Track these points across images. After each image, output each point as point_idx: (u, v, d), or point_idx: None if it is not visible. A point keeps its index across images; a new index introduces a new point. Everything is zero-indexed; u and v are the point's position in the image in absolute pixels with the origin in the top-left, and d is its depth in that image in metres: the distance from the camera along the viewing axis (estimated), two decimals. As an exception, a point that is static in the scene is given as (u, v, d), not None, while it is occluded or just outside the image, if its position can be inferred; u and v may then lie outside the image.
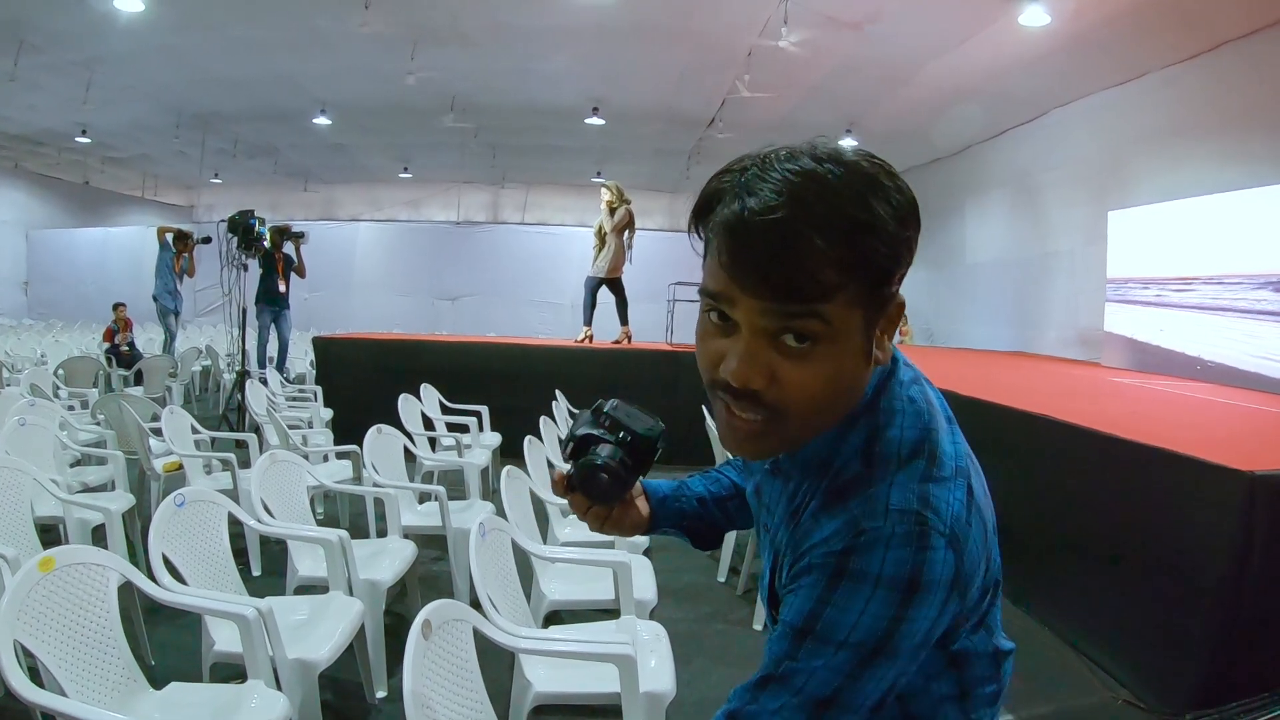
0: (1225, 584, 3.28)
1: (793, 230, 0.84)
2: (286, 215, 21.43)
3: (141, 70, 12.75)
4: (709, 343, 0.95)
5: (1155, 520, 3.65)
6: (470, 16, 10.44)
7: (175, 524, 2.81)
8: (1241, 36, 8.53)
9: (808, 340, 0.88)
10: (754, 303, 0.87)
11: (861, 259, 0.87)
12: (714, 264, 0.90)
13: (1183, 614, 3.45)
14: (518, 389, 7.25)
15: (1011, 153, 13.43)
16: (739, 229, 0.86)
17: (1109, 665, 3.84)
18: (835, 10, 9.39)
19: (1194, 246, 8.71)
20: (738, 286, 0.87)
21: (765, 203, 0.85)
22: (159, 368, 10.43)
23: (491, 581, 2.47)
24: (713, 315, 0.93)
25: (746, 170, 0.89)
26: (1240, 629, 3.28)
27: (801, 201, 0.84)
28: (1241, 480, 3.18)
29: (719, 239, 0.89)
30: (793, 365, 0.89)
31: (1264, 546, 3.20)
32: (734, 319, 0.90)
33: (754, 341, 0.89)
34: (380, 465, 4.30)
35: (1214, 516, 3.32)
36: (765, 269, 0.85)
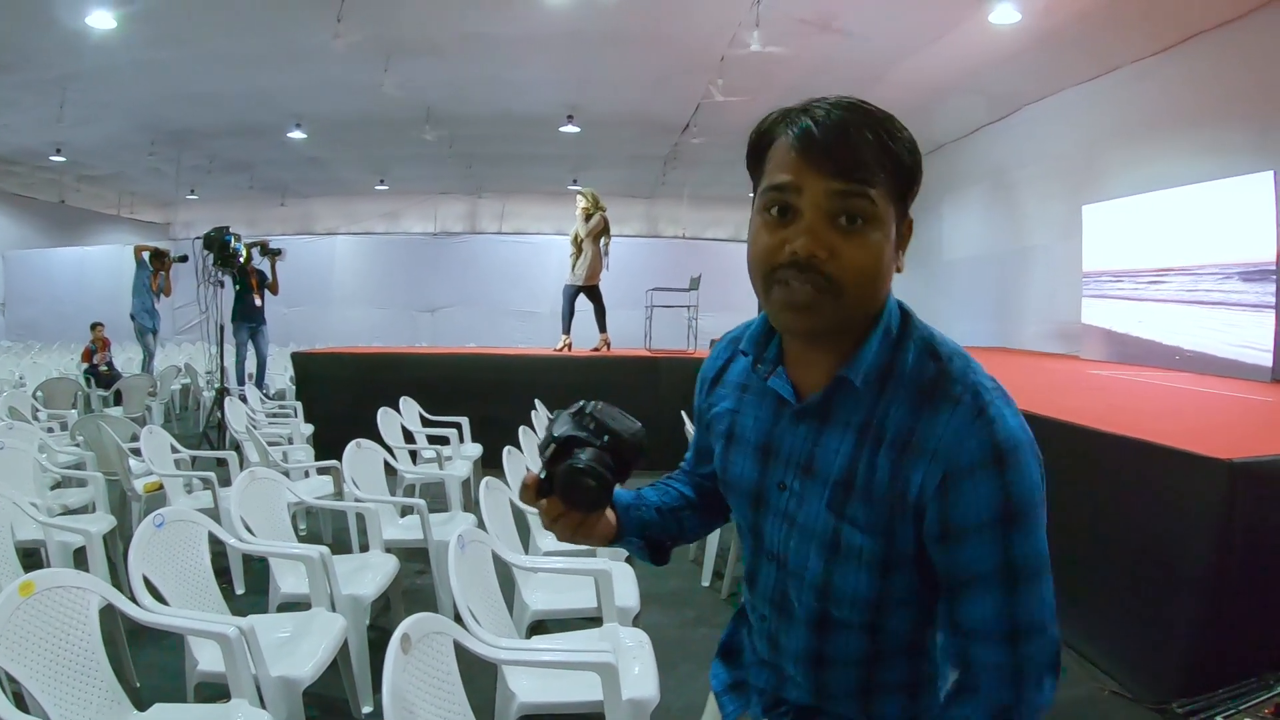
0: (1208, 572, 3.29)
1: (851, 125, 1.05)
2: (264, 230, 21.31)
3: (115, 87, 12.65)
4: (769, 236, 1.08)
5: (1137, 511, 3.66)
6: (442, 27, 10.41)
7: (155, 544, 2.78)
8: (1212, 29, 8.59)
9: (859, 220, 1.05)
10: (820, 183, 1.05)
11: (894, 158, 1.07)
12: (782, 160, 1.08)
13: (1166, 603, 3.47)
14: (498, 399, 7.23)
15: (986, 150, 13.49)
16: (810, 129, 1.05)
17: (1094, 656, 3.85)
18: (806, 13, 9.41)
19: (1168, 238, 8.76)
20: (810, 169, 1.05)
21: (827, 112, 1.07)
22: (138, 387, 10.35)
23: (472, 593, 2.45)
24: (774, 211, 1.08)
25: (792, 110, 1.11)
26: (1224, 616, 3.30)
27: (854, 111, 1.08)
28: (1221, 469, 3.20)
29: (788, 144, 1.08)
30: (847, 242, 1.05)
31: (1245, 534, 3.22)
32: (799, 206, 1.06)
33: (818, 221, 1.05)
34: (360, 480, 4.27)
35: (1195, 505, 3.33)
36: (832, 151, 1.04)
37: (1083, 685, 3.70)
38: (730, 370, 1.34)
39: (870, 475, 1.09)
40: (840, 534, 1.11)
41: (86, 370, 11.97)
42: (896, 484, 1.07)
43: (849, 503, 1.11)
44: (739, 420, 1.28)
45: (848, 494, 1.11)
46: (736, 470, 1.26)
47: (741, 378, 1.30)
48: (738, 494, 1.27)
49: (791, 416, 1.19)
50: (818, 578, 1.15)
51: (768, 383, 1.20)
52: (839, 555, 1.11)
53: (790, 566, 1.19)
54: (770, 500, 1.21)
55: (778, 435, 1.20)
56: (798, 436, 1.17)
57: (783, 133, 1.09)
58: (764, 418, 1.23)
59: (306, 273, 18.14)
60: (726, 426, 1.30)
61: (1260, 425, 4.95)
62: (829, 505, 1.12)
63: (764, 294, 1.11)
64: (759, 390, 1.25)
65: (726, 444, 1.29)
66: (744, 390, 1.29)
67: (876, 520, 1.09)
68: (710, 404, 1.36)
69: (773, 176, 1.09)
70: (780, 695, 1.30)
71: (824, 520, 1.13)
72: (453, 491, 5.01)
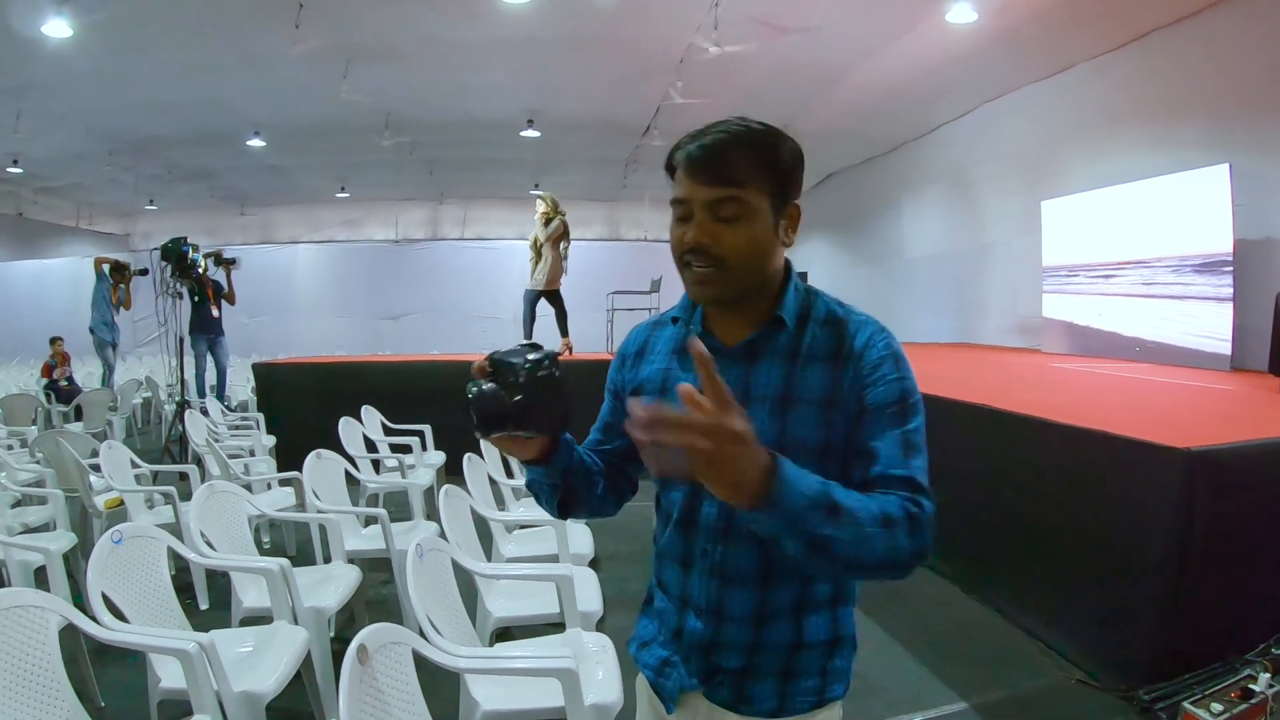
0: (1169, 560, 3.33)
1: (726, 146, 1.37)
2: (224, 240, 21.09)
3: (72, 97, 12.42)
4: (673, 233, 1.42)
5: (1098, 502, 3.70)
6: (401, 32, 10.32)
7: (114, 561, 2.75)
8: (1165, 26, 8.70)
9: (732, 214, 1.37)
10: (703, 192, 1.37)
11: (767, 163, 1.39)
12: (679, 178, 1.40)
13: (1130, 592, 3.50)
14: (460, 406, 7.09)
15: (945, 148, 13.59)
16: (692, 153, 1.38)
17: (1060, 647, 3.89)
18: (764, 14, 9.43)
19: (1126, 232, 8.87)
20: (694, 182, 1.37)
21: (711, 138, 1.37)
22: (98, 402, 10.19)
23: (431, 602, 2.42)
24: (678, 215, 1.41)
25: (688, 137, 1.40)
26: (1187, 603, 3.34)
27: (732, 133, 1.38)
28: (1179, 457, 3.24)
29: (681, 165, 1.39)
30: (726, 230, 1.37)
31: (1204, 521, 3.27)
32: (691, 210, 1.38)
33: (704, 219, 1.37)
34: (321, 490, 4.23)
35: (1154, 494, 3.37)
36: (708, 169, 1.36)
37: (1049, 674, 3.73)
38: (655, 343, 1.61)
39: (805, 384, 1.41)
40: (785, 434, 1.39)
41: (46, 385, 11.78)
42: (830, 384, 1.41)
43: (790, 409, 1.41)
44: (672, 376, 1.52)
45: (787, 403, 1.41)
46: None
47: (672, 344, 1.57)
48: None
49: (724, 361, 1.40)
50: None
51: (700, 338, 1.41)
52: (787, 452, 1.22)
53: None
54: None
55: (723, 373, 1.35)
56: (731, 377, 1.33)
57: (677, 156, 1.41)
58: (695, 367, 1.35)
59: (268, 282, 17.98)
60: (659, 383, 1.54)
61: (1218, 414, 5.00)
62: (771, 414, 1.41)
63: (680, 274, 1.44)
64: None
65: (660, 397, 1.50)
66: (676, 352, 1.55)
67: (816, 415, 1.40)
68: (636, 374, 1.60)
69: (674, 192, 1.41)
70: (715, 663, 1.48)
71: (770, 428, 1.39)
72: (415, 500, 4.96)
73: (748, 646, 1.45)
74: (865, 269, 16.82)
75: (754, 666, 1.46)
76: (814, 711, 1.47)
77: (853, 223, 17.26)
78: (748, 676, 1.46)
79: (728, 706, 1.48)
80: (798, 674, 1.46)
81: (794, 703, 1.46)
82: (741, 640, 1.45)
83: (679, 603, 1.52)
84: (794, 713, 1.46)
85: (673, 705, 1.53)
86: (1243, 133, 7.78)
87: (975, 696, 3.54)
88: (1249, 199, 7.52)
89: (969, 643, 4.12)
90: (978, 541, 4.66)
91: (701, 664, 1.49)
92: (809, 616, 1.46)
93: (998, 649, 4.02)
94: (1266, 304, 6.24)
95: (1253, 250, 7.57)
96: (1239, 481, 3.35)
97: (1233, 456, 3.35)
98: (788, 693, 1.46)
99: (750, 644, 1.45)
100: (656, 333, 1.62)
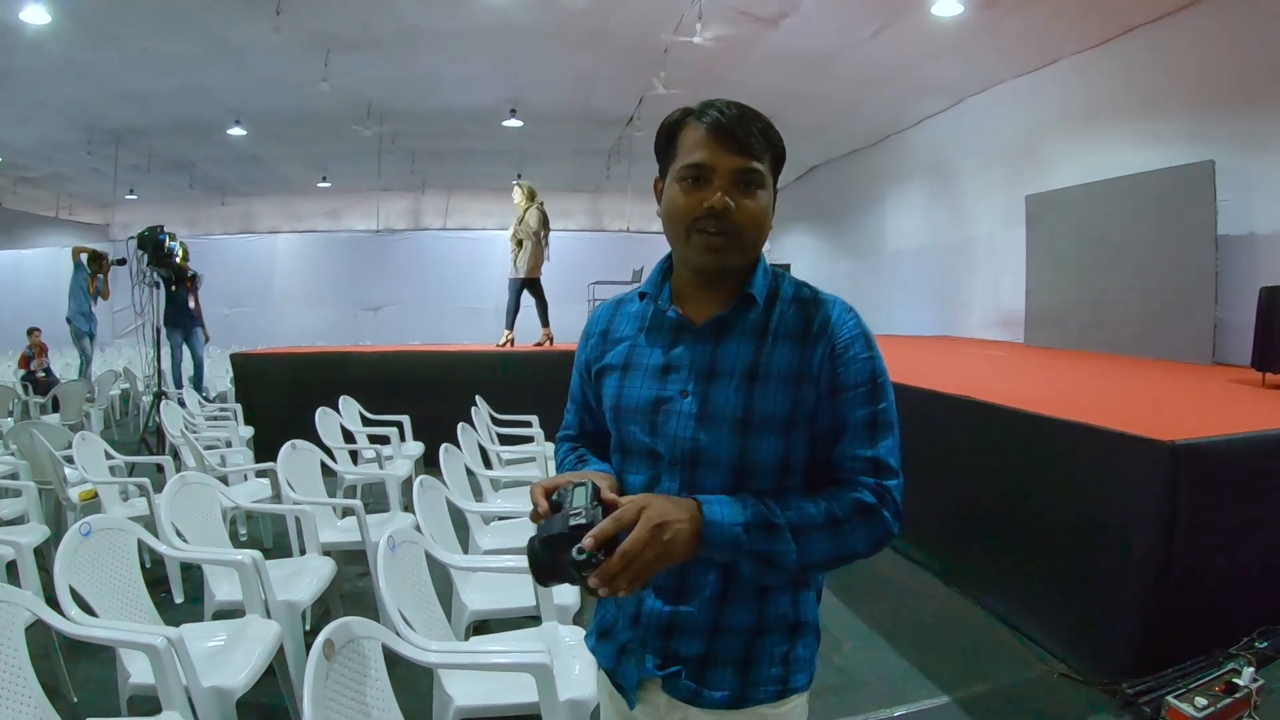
0: (1153, 553, 3.31)
1: (747, 117, 1.43)
2: (205, 230, 20.97)
3: (51, 85, 12.31)
4: (686, 199, 1.42)
5: (1082, 494, 3.68)
6: (381, 21, 10.24)
7: (83, 554, 2.71)
8: (1150, 22, 8.71)
9: (753, 185, 1.43)
10: (728, 159, 1.40)
11: (771, 144, 1.46)
12: (696, 145, 1.42)
13: (1114, 585, 3.49)
14: (439, 397, 7.14)
15: (929, 141, 13.59)
16: (719, 119, 1.41)
17: (1043, 640, 3.87)
18: (748, 5, 9.40)
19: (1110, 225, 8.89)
20: (720, 149, 1.41)
21: (727, 109, 1.43)
22: (75, 393, 10.07)
23: (403, 595, 2.37)
24: (688, 181, 1.42)
25: (695, 108, 1.46)
26: (1170, 597, 3.33)
27: (744, 109, 1.44)
28: (1163, 450, 3.22)
29: (702, 130, 1.42)
30: (745, 199, 1.42)
31: (1188, 514, 3.25)
32: (711, 177, 1.41)
33: (724, 184, 1.41)
34: (297, 482, 4.17)
35: (1138, 487, 3.35)
36: (736, 136, 1.41)
37: (1033, 668, 3.71)
38: (619, 320, 1.62)
39: (774, 360, 1.44)
40: (752, 409, 1.43)
41: (24, 376, 11.67)
42: (800, 361, 1.44)
43: (756, 384, 1.43)
44: (636, 351, 1.55)
45: (754, 379, 1.44)
46: (635, 392, 1.52)
47: (637, 321, 1.59)
48: (635, 413, 1.51)
49: (693, 338, 1.50)
50: (734, 451, 1.44)
51: (668, 314, 1.52)
52: (752, 427, 1.42)
53: (702, 455, 1.45)
54: (671, 407, 1.47)
55: (677, 355, 1.50)
56: (698, 352, 1.48)
57: (693, 123, 1.45)
58: (662, 343, 1.53)
59: (248, 273, 17.86)
60: (624, 358, 1.56)
61: (1200, 407, 5.00)
62: (737, 389, 1.44)
63: (683, 242, 1.45)
64: (658, 325, 1.55)
65: (624, 373, 1.55)
66: (642, 330, 1.57)
67: (783, 390, 1.43)
68: (604, 350, 1.61)
69: (690, 155, 1.43)
70: (674, 650, 1.48)
71: (734, 402, 1.43)
72: (393, 491, 4.90)
73: (708, 631, 1.46)
74: (848, 261, 16.81)
75: (713, 653, 1.46)
76: (778, 702, 1.48)
77: (836, 215, 17.25)
78: (708, 665, 1.46)
79: (688, 700, 1.48)
80: (758, 660, 1.46)
81: (756, 691, 1.46)
82: (703, 622, 1.46)
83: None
84: (756, 702, 1.47)
85: (634, 699, 1.52)
86: (1226, 128, 7.79)
87: (958, 690, 3.52)
88: (1232, 195, 7.54)
89: (951, 635, 4.10)
90: (959, 533, 4.65)
91: (659, 648, 1.48)
92: (770, 599, 1.47)
93: (980, 642, 4.00)
94: (1249, 299, 6.24)
95: (1235, 246, 7.58)
96: (1222, 474, 3.34)
97: (1216, 449, 3.34)
98: (749, 681, 1.46)
99: (711, 627, 1.46)
100: (621, 310, 1.64)
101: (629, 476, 1.53)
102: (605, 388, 1.58)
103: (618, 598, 1.50)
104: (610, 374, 1.57)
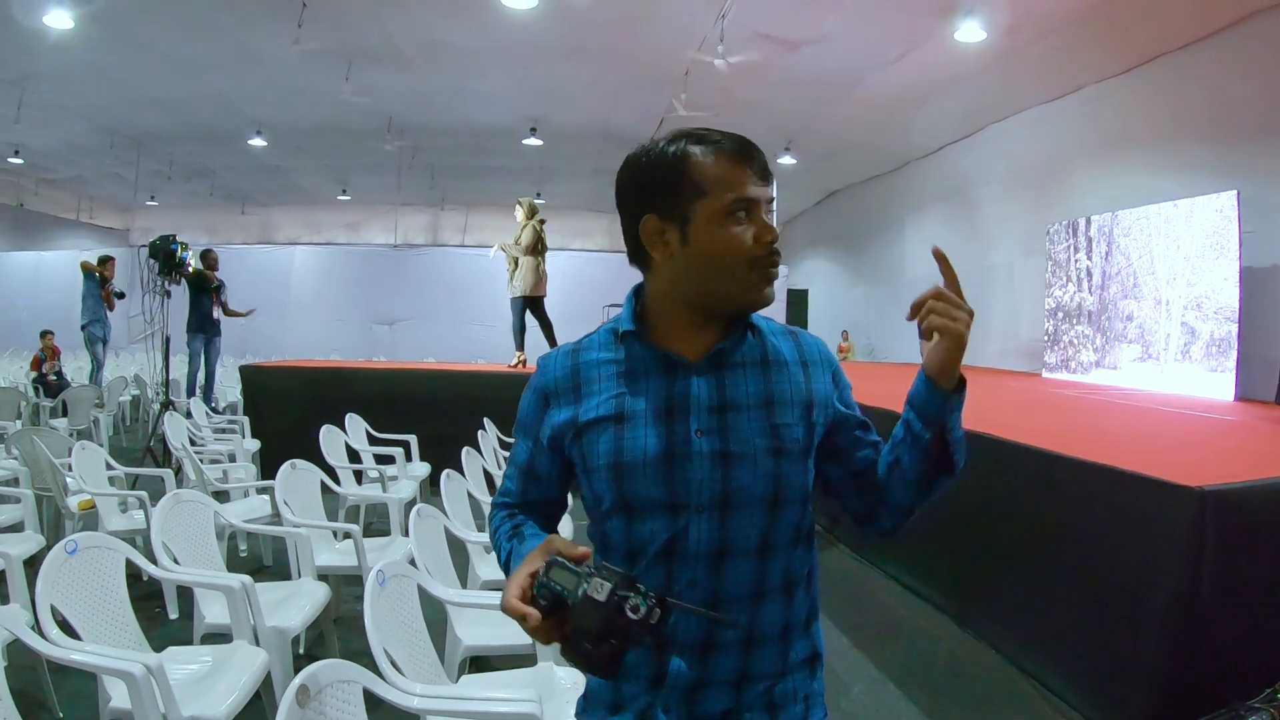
0: (1176, 603, 3.19)
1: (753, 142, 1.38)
2: (224, 239, 21.06)
3: (73, 89, 12.47)
4: (741, 235, 1.34)
5: (1104, 539, 3.56)
6: (404, 35, 10.28)
7: (67, 573, 2.63)
8: (1172, 50, 8.65)
9: (772, 211, 1.39)
10: (764, 189, 1.36)
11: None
12: (732, 176, 1.34)
13: (1133, 634, 3.36)
14: (449, 417, 7.06)
15: (949, 167, 13.53)
16: (748, 149, 1.36)
17: (1057, 687, 3.75)
18: (771, 28, 9.36)
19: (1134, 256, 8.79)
20: (758, 179, 1.35)
21: (727, 134, 1.37)
22: (84, 398, 10.03)
23: (391, 633, 2.27)
24: (739, 214, 1.33)
25: (694, 136, 1.37)
26: (1193, 647, 3.20)
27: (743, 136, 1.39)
28: (1191, 497, 3.10)
29: (732, 160, 1.34)
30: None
31: (1214, 564, 3.12)
32: (754, 210, 1.35)
33: (764, 212, 1.36)
34: (296, 502, 4.09)
35: (1163, 534, 3.24)
36: (764, 166, 1.37)
37: (1045, 717, 3.59)
38: (586, 370, 1.46)
39: (783, 387, 1.41)
40: (780, 435, 1.37)
41: (35, 379, 11.67)
42: (804, 387, 1.43)
43: (775, 411, 1.39)
44: (627, 400, 1.40)
45: (770, 407, 1.39)
46: (639, 444, 1.37)
47: (615, 367, 1.44)
48: (643, 467, 1.36)
49: (691, 374, 1.39)
50: (769, 484, 1.36)
51: (657, 354, 1.41)
52: (784, 453, 1.37)
53: (735, 495, 1.35)
54: (689, 450, 1.36)
55: (679, 394, 1.38)
56: (702, 388, 1.38)
57: (708, 153, 1.35)
58: (658, 385, 1.40)
59: (264, 283, 17.84)
60: (615, 410, 1.40)
61: (1226, 448, 4.88)
62: (760, 418, 1.38)
63: (738, 281, 1.36)
64: (644, 368, 1.42)
65: (618, 426, 1.39)
66: (624, 375, 1.42)
67: (801, 415, 1.40)
68: (576, 412, 1.43)
69: (734, 189, 1.33)
70: (699, 711, 1.37)
71: (762, 432, 1.37)
72: (394, 514, 4.81)
73: (735, 682, 1.37)
74: (865, 287, 16.73)
75: (740, 706, 1.38)
76: None
77: (854, 241, 17.19)
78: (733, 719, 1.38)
79: None
80: (783, 705, 1.41)
81: None
82: (731, 673, 1.37)
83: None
84: None
85: None
86: (1250, 159, 7.70)
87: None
88: (1256, 226, 7.42)
89: (963, 680, 3.98)
90: (974, 574, 4.53)
91: (683, 713, 1.37)
92: (793, 637, 1.43)
93: (993, 688, 3.88)
94: (1273, 333, 6.13)
95: (1259, 278, 7.46)
96: (1252, 521, 3.22)
97: (1245, 496, 3.22)
98: None
99: (738, 678, 1.37)
100: (583, 358, 1.48)
101: (643, 525, 1.39)
102: (597, 446, 1.41)
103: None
104: (600, 429, 1.41)
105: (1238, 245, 7.46)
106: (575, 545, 1.25)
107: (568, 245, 19.40)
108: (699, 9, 9.00)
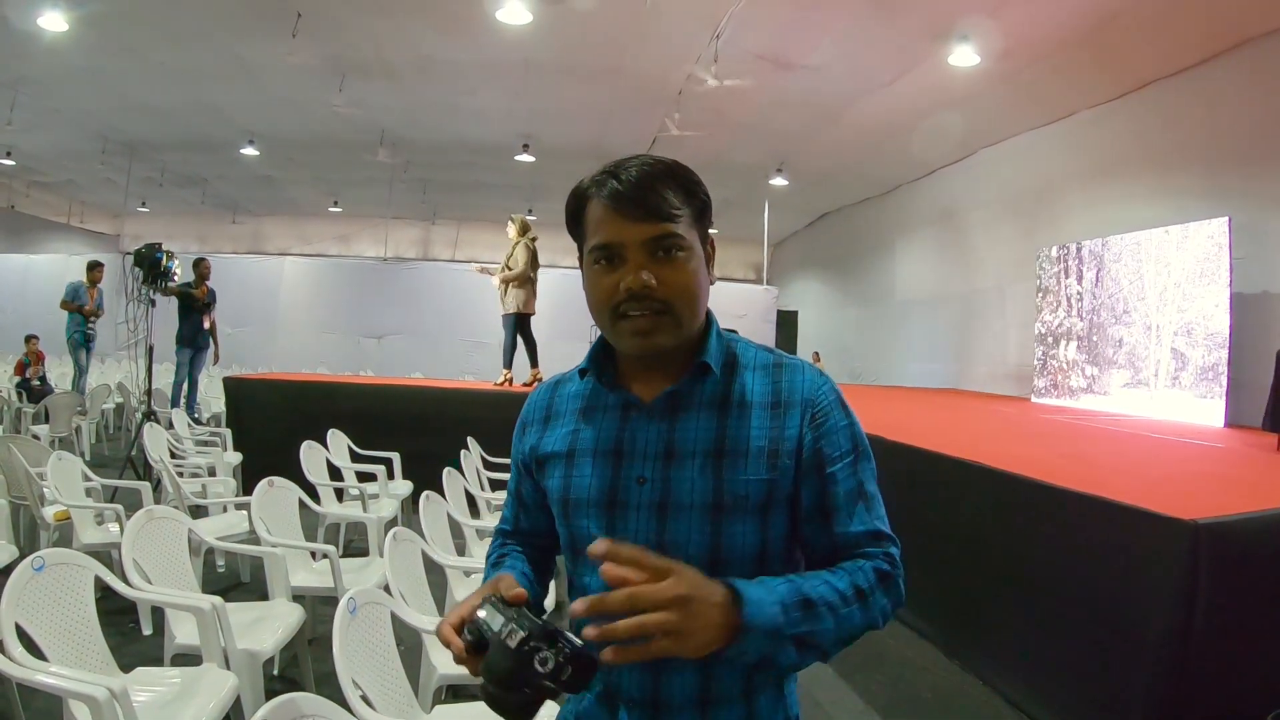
0: (1170, 636, 3.13)
1: (652, 178, 1.26)
2: (214, 247, 20.94)
3: (66, 93, 12.49)
4: (601, 282, 1.27)
5: (1096, 571, 3.51)
6: (397, 49, 10.27)
7: (33, 590, 2.55)
8: (1165, 77, 8.67)
9: (672, 251, 1.25)
10: (637, 229, 1.24)
11: (690, 196, 1.29)
12: (600, 222, 1.27)
13: (1125, 668, 3.31)
14: (433, 434, 6.95)
15: (941, 191, 13.55)
16: (618, 190, 1.25)
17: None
18: (765, 50, 9.37)
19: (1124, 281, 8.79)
20: (625, 221, 1.24)
21: (629, 172, 1.26)
22: (65, 405, 9.88)
23: (361, 664, 2.19)
24: (601, 263, 1.27)
25: (598, 176, 1.29)
26: (1186, 681, 3.14)
27: (652, 166, 1.27)
28: (1185, 530, 3.04)
29: (603, 205, 1.26)
30: (668, 270, 1.25)
31: (1208, 597, 3.07)
32: (623, 255, 1.25)
33: (638, 257, 1.25)
34: (272, 520, 4.00)
35: (1156, 566, 3.18)
36: (640, 203, 1.24)
37: (1037, 754, 3.52)
38: (558, 403, 1.44)
39: (742, 434, 1.29)
40: (723, 491, 1.26)
41: (19, 384, 11.52)
42: (774, 432, 1.29)
43: (725, 462, 1.27)
44: (580, 436, 1.36)
45: (722, 456, 1.27)
46: (584, 482, 1.33)
47: (579, 402, 1.40)
48: (586, 506, 1.32)
49: (643, 417, 1.32)
50: (706, 541, 1.26)
51: (613, 393, 1.35)
52: (725, 511, 1.26)
53: (669, 548, 1.23)
54: (629, 499, 1.29)
55: (628, 437, 1.32)
56: (651, 432, 1.31)
57: (594, 196, 1.29)
58: (610, 425, 1.35)
59: (253, 293, 17.75)
60: (568, 446, 1.37)
61: (1219, 478, 4.84)
62: (703, 471, 1.27)
63: (611, 328, 1.29)
64: (603, 405, 1.37)
65: (568, 463, 1.36)
66: (583, 411, 1.39)
67: (757, 467, 1.27)
68: (539, 441, 1.42)
69: (596, 237, 1.28)
70: None
71: (702, 486, 1.26)
72: (373, 535, 4.70)
73: None
74: (855, 309, 16.73)
75: None
76: None
77: (845, 262, 17.21)
78: None
79: None
80: None
81: None
82: None
83: (605, 697, 1.31)
84: None
85: None
86: (1242, 184, 7.71)
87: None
88: (1247, 252, 7.42)
89: (951, 713, 3.90)
90: (963, 604, 4.46)
91: None
92: (758, 698, 1.29)
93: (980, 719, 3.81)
94: (1263, 359, 6.11)
95: (1250, 304, 7.45)
96: (1246, 554, 3.17)
97: (1239, 528, 3.17)
98: None
99: None
100: (560, 391, 1.46)
101: (587, 579, 1.33)
102: (550, 479, 1.39)
103: (572, 701, 1.37)
104: (553, 463, 1.38)
105: (1228, 271, 7.46)
106: (515, 587, 1.21)
107: (558, 263, 19.33)
108: (694, 30, 9.01)
